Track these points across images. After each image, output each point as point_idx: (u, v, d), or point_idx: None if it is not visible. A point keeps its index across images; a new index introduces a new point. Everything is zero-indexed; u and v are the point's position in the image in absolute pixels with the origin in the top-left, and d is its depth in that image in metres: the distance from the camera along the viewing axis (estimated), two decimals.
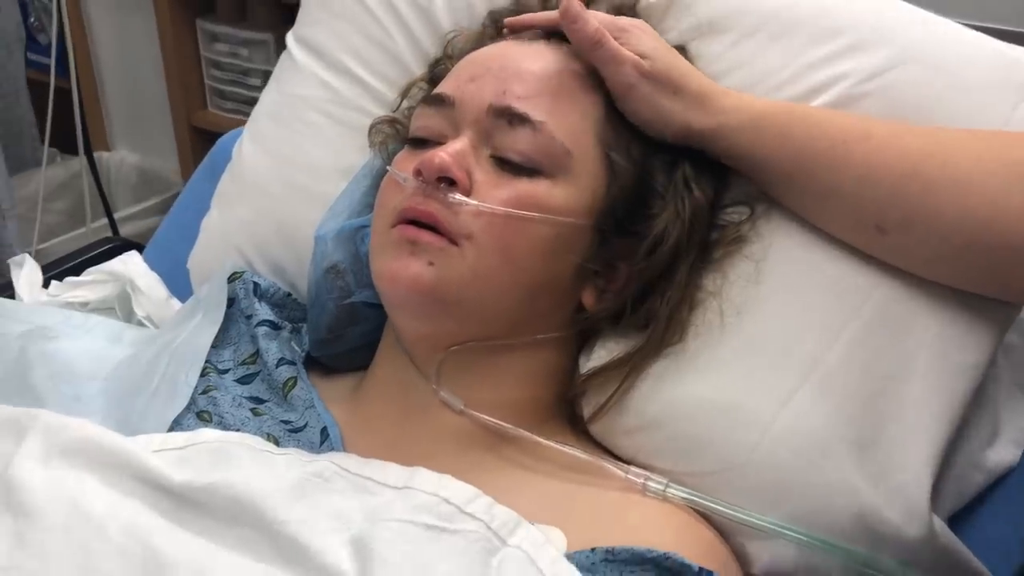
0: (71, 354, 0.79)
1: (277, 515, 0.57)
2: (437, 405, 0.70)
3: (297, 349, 0.80)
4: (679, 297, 0.69)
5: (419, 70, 0.85)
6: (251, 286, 0.81)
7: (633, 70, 0.67)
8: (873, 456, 0.66)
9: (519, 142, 0.67)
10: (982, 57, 0.73)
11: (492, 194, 0.66)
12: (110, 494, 0.59)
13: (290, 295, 0.85)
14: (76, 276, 0.95)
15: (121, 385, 0.76)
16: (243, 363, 0.77)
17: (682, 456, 0.69)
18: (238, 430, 0.69)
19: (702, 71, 0.73)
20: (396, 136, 0.81)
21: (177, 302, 0.93)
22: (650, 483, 0.67)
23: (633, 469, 0.68)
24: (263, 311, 0.80)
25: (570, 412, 0.73)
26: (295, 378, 0.75)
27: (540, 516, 0.60)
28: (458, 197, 0.65)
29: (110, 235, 1.87)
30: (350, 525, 0.58)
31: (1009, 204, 0.62)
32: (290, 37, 0.93)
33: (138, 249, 1.04)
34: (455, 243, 0.65)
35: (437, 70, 0.80)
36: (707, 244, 0.71)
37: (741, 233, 0.71)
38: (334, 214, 0.81)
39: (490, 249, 0.65)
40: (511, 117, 0.67)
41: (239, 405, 0.73)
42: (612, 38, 0.68)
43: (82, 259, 1.10)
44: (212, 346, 0.77)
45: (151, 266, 0.95)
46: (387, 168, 0.72)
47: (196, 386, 0.73)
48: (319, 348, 0.80)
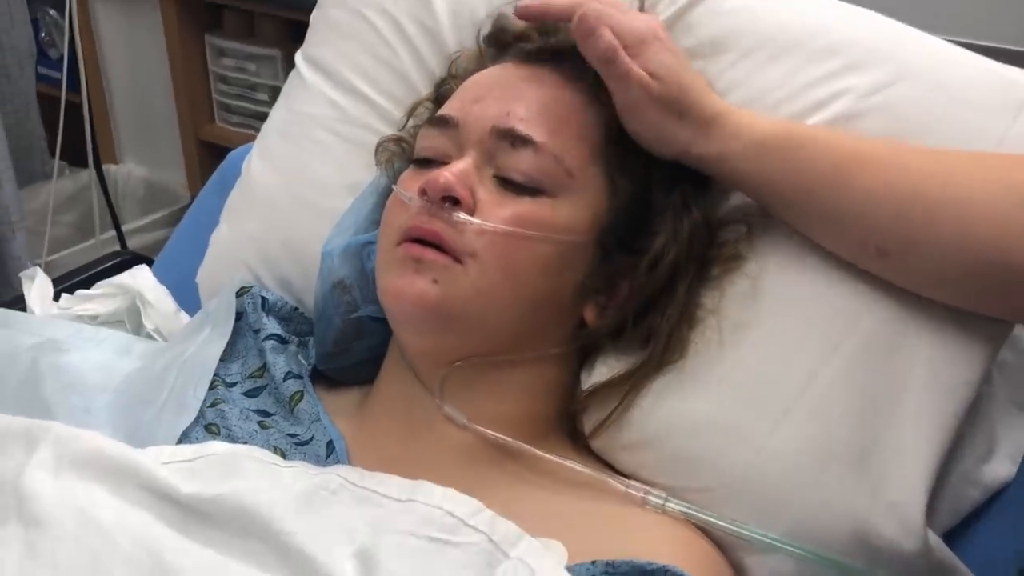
0: (81, 367, 0.80)
1: (284, 526, 0.58)
2: (441, 420, 0.71)
3: (304, 363, 0.81)
4: (679, 314, 0.70)
5: (425, 89, 0.86)
6: (259, 300, 0.82)
7: (641, 91, 0.67)
8: (869, 472, 0.67)
9: (521, 162, 0.68)
10: (978, 76, 0.74)
11: (495, 213, 0.67)
12: (120, 505, 0.60)
13: (297, 309, 0.86)
14: (86, 289, 0.96)
15: (130, 398, 0.77)
16: (251, 376, 0.78)
17: (681, 472, 0.70)
18: (246, 443, 0.70)
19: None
20: (402, 154, 0.82)
21: (186, 315, 0.94)
22: (650, 497, 0.68)
23: (633, 483, 0.69)
24: (271, 325, 0.81)
25: (571, 427, 0.74)
26: (301, 392, 0.76)
27: (541, 529, 0.61)
28: (462, 216, 0.66)
29: (119, 248, 1.89)
30: (355, 537, 0.58)
31: (1011, 227, 0.62)
32: (299, 56, 0.94)
33: (147, 263, 1.05)
34: (459, 261, 0.66)
35: (442, 90, 0.81)
36: (706, 261, 0.72)
37: (738, 251, 0.72)
38: (341, 230, 0.82)
39: (493, 266, 0.67)
40: (513, 138, 0.68)
41: (247, 418, 0.74)
42: (625, 55, 0.66)
43: (92, 272, 1.11)
44: (220, 359, 0.78)
45: (160, 279, 0.96)
46: (392, 187, 0.73)
47: (204, 399, 0.74)
48: (325, 362, 0.81)
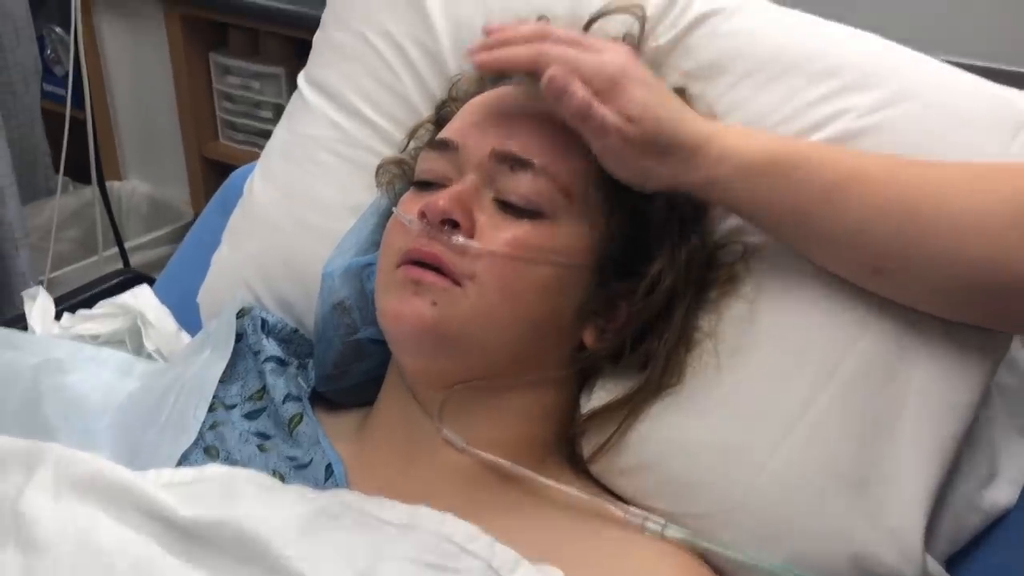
0: (82, 387, 0.81)
1: (283, 551, 0.58)
2: (440, 443, 0.71)
3: (303, 385, 0.81)
4: (676, 338, 0.70)
5: (427, 111, 0.86)
6: (259, 322, 0.82)
7: (619, 140, 0.64)
8: (867, 497, 0.67)
9: (520, 186, 0.68)
10: (976, 97, 0.74)
11: (494, 236, 0.67)
12: (119, 529, 0.60)
13: (297, 331, 0.86)
14: (88, 309, 0.96)
15: (130, 418, 0.78)
16: (250, 398, 0.78)
17: (680, 497, 0.70)
18: (245, 466, 0.70)
19: (702, 109, 0.74)
20: (403, 176, 0.82)
21: (187, 335, 0.94)
22: (648, 523, 0.67)
23: (632, 509, 0.69)
24: (270, 347, 0.81)
25: (570, 451, 0.74)
26: (301, 414, 0.76)
27: (540, 555, 0.61)
28: (461, 240, 0.66)
29: (122, 267, 1.89)
30: (354, 562, 0.58)
31: (1007, 243, 0.62)
32: (301, 78, 0.94)
33: (149, 282, 1.05)
34: (458, 284, 0.66)
35: (443, 112, 0.81)
36: (704, 284, 0.72)
37: (736, 273, 0.72)
38: (341, 251, 0.82)
39: (492, 289, 0.67)
40: (513, 162, 0.68)
41: (246, 441, 0.74)
42: (599, 106, 0.63)
43: (94, 291, 1.12)
44: (220, 381, 0.78)
45: (162, 298, 0.96)
46: (393, 209, 0.74)
47: (204, 421, 0.74)
48: (325, 383, 0.81)
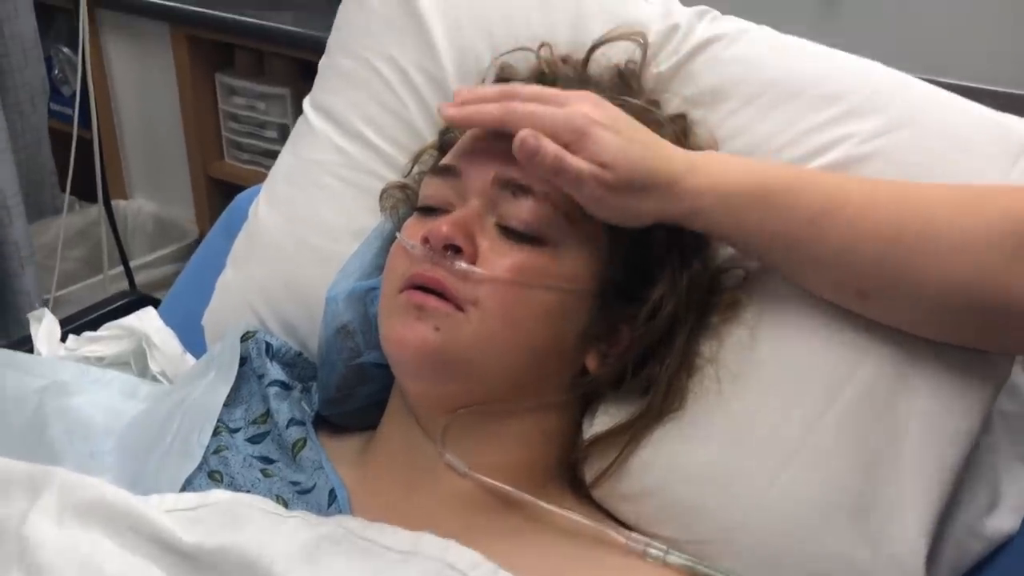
0: (87, 410, 0.81)
1: None
2: (442, 468, 0.71)
3: (307, 409, 0.81)
4: (678, 363, 0.71)
5: (431, 136, 0.86)
6: (263, 346, 0.83)
7: (597, 187, 0.64)
8: (869, 523, 0.67)
9: (522, 211, 0.68)
10: (977, 123, 0.75)
11: (497, 262, 0.67)
12: (122, 555, 0.60)
13: (301, 354, 0.86)
14: (93, 331, 0.97)
15: (135, 442, 0.78)
16: (254, 422, 0.79)
17: (681, 523, 0.70)
18: (248, 491, 0.70)
19: (704, 135, 0.75)
20: (406, 201, 0.83)
21: (191, 358, 0.94)
22: (650, 549, 0.67)
23: (634, 535, 0.69)
24: (274, 371, 0.81)
25: (572, 476, 0.74)
26: (304, 439, 0.76)
27: None
28: (463, 265, 0.67)
29: (127, 288, 1.90)
30: None
31: (993, 264, 0.62)
32: (307, 103, 0.95)
33: (154, 304, 1.06)
34: (461, 309, 0.67)
35: (446, 138, 0.82)
36: (706, 309, 0.72)
37: (737, 298, 0.72)
38: (345, 275, 0.82)
39: (494, 314, 0.67)
40: (515, 188, 0.69)
41: (249, 466, 0.74)
42: (571, 159, 0.64)
43: (100, 313, 1.12)
44: (224, 405, 0.78)
45: (167, 320, 0.97)
46: (396, 234, 0.74)
47: (208, 446, 0.74)
48: (328, 407, 0.82)
